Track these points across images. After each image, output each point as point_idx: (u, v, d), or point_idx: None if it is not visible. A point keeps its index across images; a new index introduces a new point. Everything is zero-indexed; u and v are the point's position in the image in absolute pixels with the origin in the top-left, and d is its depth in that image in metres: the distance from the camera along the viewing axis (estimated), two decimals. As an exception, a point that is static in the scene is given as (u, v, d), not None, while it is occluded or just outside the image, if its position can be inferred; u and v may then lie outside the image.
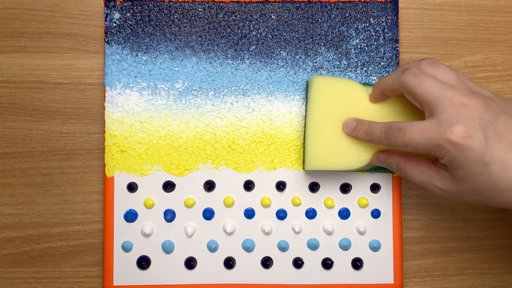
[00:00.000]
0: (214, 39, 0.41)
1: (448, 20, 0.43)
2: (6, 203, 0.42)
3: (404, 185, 0.42)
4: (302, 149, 0.41)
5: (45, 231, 0.42)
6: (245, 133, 0.41)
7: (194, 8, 0.41)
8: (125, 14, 0.41)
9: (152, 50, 0.41)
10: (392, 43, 0.41)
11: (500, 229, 0.43)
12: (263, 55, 0.41)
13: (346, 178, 0.41)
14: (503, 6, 0.44)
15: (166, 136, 0.40)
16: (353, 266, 0.41)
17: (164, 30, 0.41)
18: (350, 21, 0.41)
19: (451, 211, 0.43)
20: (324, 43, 0.41)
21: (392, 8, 0.41)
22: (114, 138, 0.40)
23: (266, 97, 0.41)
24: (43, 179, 0.42)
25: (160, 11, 0.41)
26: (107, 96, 0.40)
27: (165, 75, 0.41)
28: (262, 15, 0.41)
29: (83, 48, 0.42)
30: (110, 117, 0.40)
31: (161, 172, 0.40)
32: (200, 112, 0.41)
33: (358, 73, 0.41)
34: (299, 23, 0.41)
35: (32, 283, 0.41)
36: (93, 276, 0.42)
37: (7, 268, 0.41)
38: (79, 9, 0.42)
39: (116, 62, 0.41)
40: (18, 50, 0.42)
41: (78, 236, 0.42)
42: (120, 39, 0.41)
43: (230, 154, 0.41)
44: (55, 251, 0.42)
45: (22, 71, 0.42)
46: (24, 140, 0.42)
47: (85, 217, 0.42)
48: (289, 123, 0.41)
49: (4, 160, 0.42)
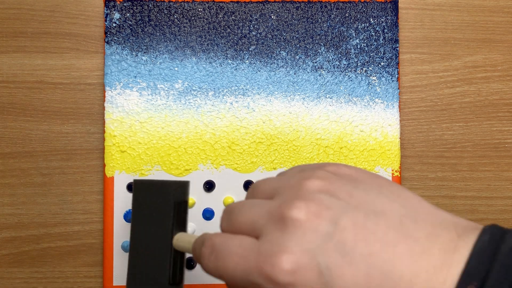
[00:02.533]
0: (214, 39, 0.41)
1: (448, 20, 0.43)
2: (6, 203, 0.42)
3: (404, 185, 0.42)
4: (302, 150, 0.41)
5: (45, 231, 0.42)
6: (245, 133, 0.41)
7: (194, 8, 0.41)
8: (125, 14, 0.41)
9: (152, 50, 0.41)
10: (392, 43, 0.41)
11: (500, 229, 0.43)
12: (263, 55, 0.41)
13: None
14: (503, 6, 0.43)
15: (166, 136, 0.40)
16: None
17: (164, 30, 0.41)
18: (350, 21, 0.41)
19: (451, 211, 0.43)
20: (324, 43, 0.41)
21: (392, 8, 0.41)
22: (114, 138, 0.40)
23: (266, 97, 0.41)
24: (43, 179, 0.42)
25: (160, 11, 0.41)
26: (107, 96, 0.40)
27: (165, 75, 0.41)
28: (262, 15, 0.41)
29: (83, 48, 0.42)
30: (110, 117, 0.40)
31: (161, 172, 0.40)
32: (200, 112, 0.41)
33: (358, 73, 0.41)
34: (299, 23, 0.41)
35: (32, 283, 0.41)
36: (93, 276, 0.42)
37: (7, 268, 0.41)
38: (79, 9, 0.42)
39: (116, 62, 0.41)
40: (18, 50, 0.42)
41: (78, 236, 0.42)
42: (120, 39, 0.41)
43: (230, 154, 0.41)
44: (55, 251, 0.42)
45: (22, 71, 0.42)
46: (24, 140, 0.42)
47: (85, 217, 0.42)
48: (289, 123, 0.41)
49: (4, 160, 0.42)
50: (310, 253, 0.19)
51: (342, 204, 0.20)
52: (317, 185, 0.21)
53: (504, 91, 0.43)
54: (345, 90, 0.41)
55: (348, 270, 0.19)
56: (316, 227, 0.20)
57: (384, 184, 0.22)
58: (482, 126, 0.43)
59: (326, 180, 0.21)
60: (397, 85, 0.41)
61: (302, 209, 0.20)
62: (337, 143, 0.41)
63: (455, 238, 0.20)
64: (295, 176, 0.23)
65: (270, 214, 0.21)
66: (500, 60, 0.43)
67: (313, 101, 0.41)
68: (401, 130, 0.43)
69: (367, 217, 0.20)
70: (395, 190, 0.21)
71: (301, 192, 0.21)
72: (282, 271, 0.19)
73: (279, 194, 0.22)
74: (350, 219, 0.20)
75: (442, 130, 0.43)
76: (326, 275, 0.19)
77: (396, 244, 0.19)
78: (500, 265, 0.18)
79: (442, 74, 0.43)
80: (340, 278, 0.19)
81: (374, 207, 0.20)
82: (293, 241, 0.20)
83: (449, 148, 0.43)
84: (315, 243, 0.19)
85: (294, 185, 0.22)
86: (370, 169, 0.41)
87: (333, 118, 0.41)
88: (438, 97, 0.43)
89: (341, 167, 0.23)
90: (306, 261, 0.19)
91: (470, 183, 0.43)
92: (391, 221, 0.20)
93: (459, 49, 0.43)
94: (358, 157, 0.41)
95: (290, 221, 0.20)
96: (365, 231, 0.19)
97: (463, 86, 0.43)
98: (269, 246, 0.20)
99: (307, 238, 0.19)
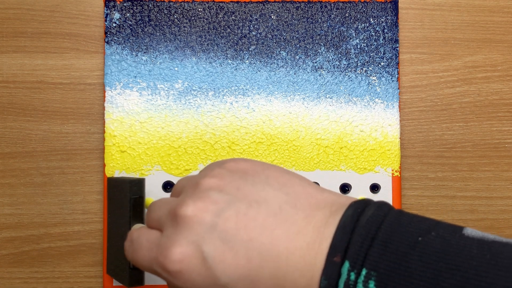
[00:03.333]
0: (214, 39, 0.41)
1: (448, 20, 0.43)
2: (6, 203, 0.42)
3: (404, 185, 0.42)
4: (302, 150, 0.41)
5: (45, 231, 0.42)
6: (245, 133, 0.41)
7: (194, 8, 0.41)
8: (125, 14, 0.41)
9: (152, 50, 0.41)
10: (392, 43, 0.41)
11: (500, 229, 0.43)
12: (263, 55, 0.41)
13: (346, 178, 0.41)
14: (503, 6, 0.43)
15: (165, 136, 0.40)
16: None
17: (164, 30, 0.41)
18: (350, 21, 0.41)
19: (451, 211, 0.43)
20: (324, 43, 0.41)
21: (392, 8, 0.41)
22: (114, 138, 0.40)
23: (266, 97, 0.41)
24: (43, 179, 0.42)
25: (160, 11, 0.41)
26: (107, 96, 0.40)
27: (165, 75, 0.41)
28: (262, 15, 0.41)
29: (83, 48, 0.42)
30: (110, 117, 0.40)
31: (161, 172, 0.40)
32: (200, 112, 0.41)
33: (358, 73, 0.41)
34: (299, 23, 0.41)
35: (32, 283, 0.41)
36: (93, 276, 0.42)
37: (7, 268, 0.41)
38: (79, 9, 0.42)
39: (116, 62, 0.41)
40: (18, 50, 0.42)
41: (78, 236, 0.42)
42: (120, 39, 0.41)
43: (230, 154, 0.41)
44: (55, 251, 0.42)
45: (22, 71, 0.42)
46: (24, 140, 0.42)
47: (85, 217, 0.42)
48: (289, 123, 0.41)
49: (4, 160, 0.42)
50: (195, 243, 0.22)
51: (229, 198, 0.23)
52: (209, 183, 0.24)
53: (504, 91, 0.43)
54: (345, 90, 0.41)
55: (229, 255, 0.21)
56: (201, 221, 0.22)
57: (272, 175, 0.24)
58: (482, 126, 0.43)
59: (218, 178, 0.24)
60: (397, 85, 0.41)
61: (190, 206, 0.23)
62: (337, 143, 0.41)
63: (327, 216, 0.22)
64: (197, 175, 0.26)
65: (169, 212, 0.24)
66: (500, 60, 0.43)
67: (313, 101, 0.41)
68: (401, 130, 0.43)
69: (250, 206, 0.22)
70: (283, 180, 0.24)
71: (196, 191, 0.24)
72: (171, 261, 0.22)
73: (183, 192, 0.25)
74: (233, 210, 0.22)
75: (442, 130, 0.43)
76: (209, 261, 0.22)
77: (274, 228, 0.22)
78: (358, 235, 0.21)
79: (442, 74, 0.43)
80: (222, 262, 0.21)
81: (258, 197, 0.23)
82: (181, 235, 0.22)
83: (449, 148, 0.43)
84: (200, 235, 0.22)
85: (192, 185, 0.24)
86: (370, 169, 0.41)
87: (333, 118, 0.41)
88: (438, 97, 0.43)
89: (239, 162, 0.25)
90: (191, 251, 0.22)
91: (470, 183, 0.43)
92: (271, 208, 0.22)
93: (459, 49, 0.43)
94: (358, 157, 0.41)
95: (179, 218, 0.23)
96: (246, 219, 0.22)
97: (463, 86, 0.43)
98: (165, 240, 0.23)
99: (194, 231, 0.22)
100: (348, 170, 0.41)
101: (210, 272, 0.22)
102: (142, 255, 0.24)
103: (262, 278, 0.21)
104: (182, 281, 0.22)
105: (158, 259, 0.23)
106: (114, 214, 0.36)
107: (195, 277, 0.22)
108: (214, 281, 0.22)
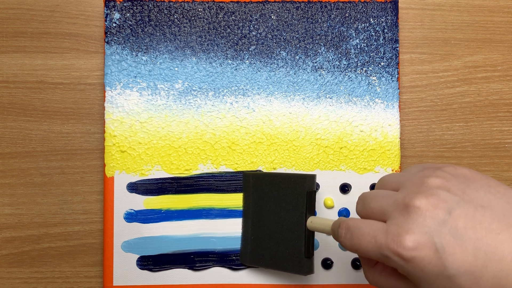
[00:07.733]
0: (214, 39, 0.41)
1: (448, 20, 0.43)
2: (6, 203, 0.42)
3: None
4: (301, 150, 0.41)
5: (45, 231, 0.42)
6: (245, 133, 0.41)
7: (194, 8, 0.41)
8: (125, 14, 0.41)
9: (152, 50, 0.41)
10: (392, 43, 0.41)
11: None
12: (263, 55, 0.41)
13: (346, 178, 0.41)
14: (503, 6, 0.43)
15: (166, 136, 0.40)
16: (353, 266, 0.41)
17: (164, 30, 0.41)
18: (350, 21, 0.41)
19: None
20: (324, 43, 0.41)
21: (392, 8, 0.41)
22: (114, 138, 0.40)
23: (266, 97, 0.41)
24: (43, 179, 0.42)
25: (160, 11, 0.41)
26: (107, 96, 0.40)
27: (165, 75, 0.41)
28: (262, 15, 0.41)
29: (83, 48, 0.42)
30: (110, 117, 0.40)
31: (161, 172, 0.40)
32: (200, 112, 0.41)
33: (358, 73, 0.41)
34: (299, 23, 0.41)
35: (32, 283, 0.41)
36: (93, 276, 0.42)
37: (7, 268, 0.41)
38: (79, 9, 0.42)
39: (116, 62, 0.41)
40: (18, 50, 0.42)
41: (78, 236, 0.42)
42: (120, 39, 0.41)
43: (230, 154, 0.41)
44: (55, 251, 0.42)
45: (22, 71, 0.42)
46: (24, 140, 0.42)
47: (85, 217, 0.42)
48: (289, 123, 0.41)
49: (4, 160, 0.42)
50: (428, 234, 0.24)
51: (456, 198, 0.25)
52: (436, 183, 0.26)
53: (504, 91, 0.43)
54: (345, 90, 0.41)
55: (459, 250, 0.24)
56: (434, 215, 0.24)
57: (492, 185, 0.26)
58: (482, 126, 0.43)
59: (444, 179, 0.26)
60: (397, 85, 0.41)
61: (423, 200, 0.25)
62: (337, 143, 0.41)
63: None
64: (417, 174, 0.27)
65: (397, 203, 0.26)
66: (500, 60, 0.43)
67: (313, 101, 0.41)
68: (401, 130, 0.43)
69: (476, 210, 0.25)
70: (502, 189, 0.26)
71: (423, 188, 0.26)
72: (406, 247, 0.24)
73: (403, 187, 0.27)
74: (462, 210, 0.24)
75: (442, 130, 0.43)
76: (440, 252, 0.24)
77: (499, 232, 0.24)
78: None
79: (442, 74, 0.43)
80: (453, 255, 0.24)
81: (482, 202, 0.25)
82: (414, 224, 0.25)
83: (449, 148, 0.43)
84: (432, 227, 0.24)
85: (416, 182, 0.26)
86: (370, 169, 0.41)
87: (333, 118, 0.41)
88: (438, 97, 0.43)
89: (458, 168, 0.27)
90: (425, 240, 0.24)
91: (470, 183, 0.43)
92: (496, 214, 0.24)
93: (459, 49, 0.43)
94: (358, 157, 0.41)
95: (412, 208, 0.25)
96: (473, 221, 0.24)
97: (463, 86, 0.43)
98: (395, 228, 0.25)
99: (426, 223, 0.24)
100: (348, 170, 0.41)
101: (440, 262, 0.24)
102: (367, 241, 0.26)
103: (484, 276, 0.23)
104: (412, 266, 0.24)
105: (389, 246, 0.25)
106: (283, 208, 0.37)
107: (426, 264, 0.24)
108: (441, 271, 0.24)
